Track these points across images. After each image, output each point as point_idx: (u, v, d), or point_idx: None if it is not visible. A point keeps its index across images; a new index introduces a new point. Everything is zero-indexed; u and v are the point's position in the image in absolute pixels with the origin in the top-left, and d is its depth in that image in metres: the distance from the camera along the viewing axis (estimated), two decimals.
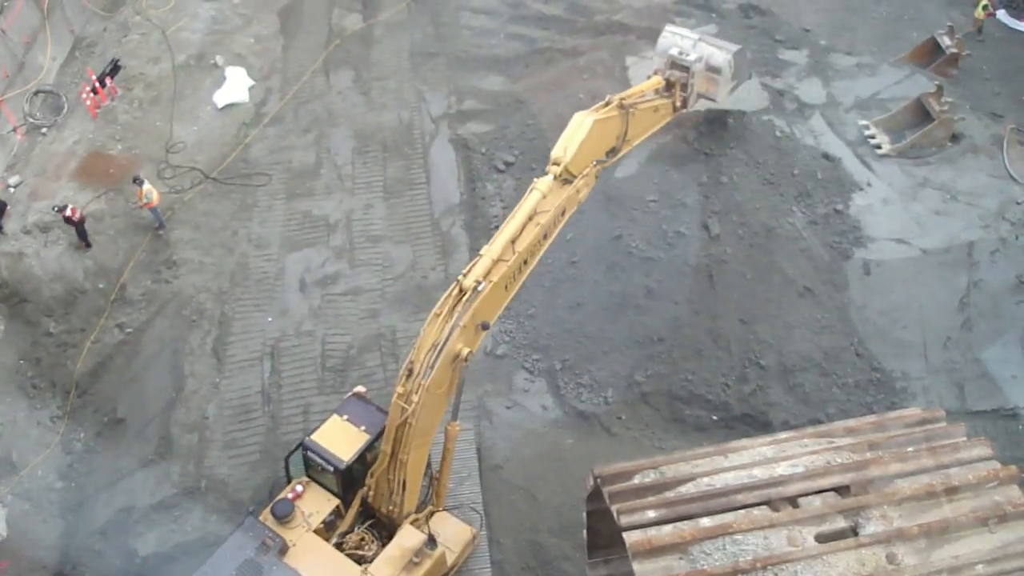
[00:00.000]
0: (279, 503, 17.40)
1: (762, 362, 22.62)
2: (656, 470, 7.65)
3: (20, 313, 25.87)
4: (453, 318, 15.38)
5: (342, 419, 18.19)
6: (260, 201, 28.15)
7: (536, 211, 16.38)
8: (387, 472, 17.05)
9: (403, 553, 17.19)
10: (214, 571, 16.19)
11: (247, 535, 16.64)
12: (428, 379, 15.40)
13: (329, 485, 17.92)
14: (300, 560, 16.56)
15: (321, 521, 17.54)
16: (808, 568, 6.88)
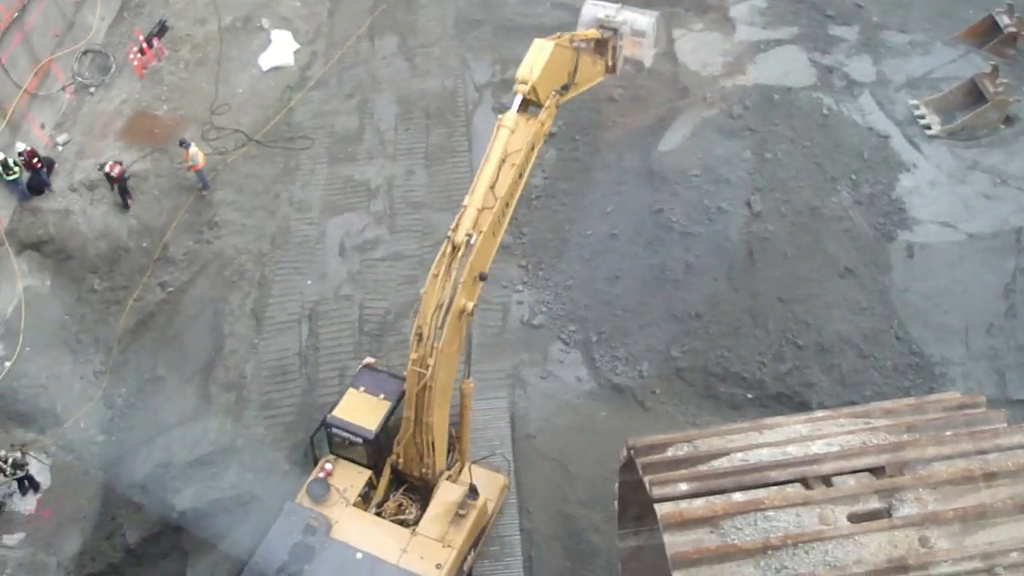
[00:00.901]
0: (314, 484, 17.53)
1: (799, 341, 22.42)
2: (690, 443, 7.63)
3: (66, 269, 26.32)
4: (452, 276, 15.35)
5: (359, 391, 18.35)
6: (302, 165, 28.30)
7: (507, 151, 16.10)
8: (414, 437, 17.18)
9: (448, 509, 17.52)
10: (265, 560, 16.31)
11: (290, 520, 16.83)
12: (440, 341, 15.45)
13: (358, 458, 18.07)
14: (348, 534, 16.79)
15: (358, 494, 17.75)
16: (839, 547, 6.83)
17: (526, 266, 25.30)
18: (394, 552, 16.76)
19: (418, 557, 16.79)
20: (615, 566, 17.44)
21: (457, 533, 17.33)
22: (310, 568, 16.14)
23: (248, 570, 16.31)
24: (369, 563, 16.35)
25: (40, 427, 24.37)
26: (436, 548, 17.04)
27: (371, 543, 16.73)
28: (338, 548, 16.49)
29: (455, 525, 17.38)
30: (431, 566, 16.73)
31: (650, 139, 25.85)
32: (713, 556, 6.70)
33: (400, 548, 16.87)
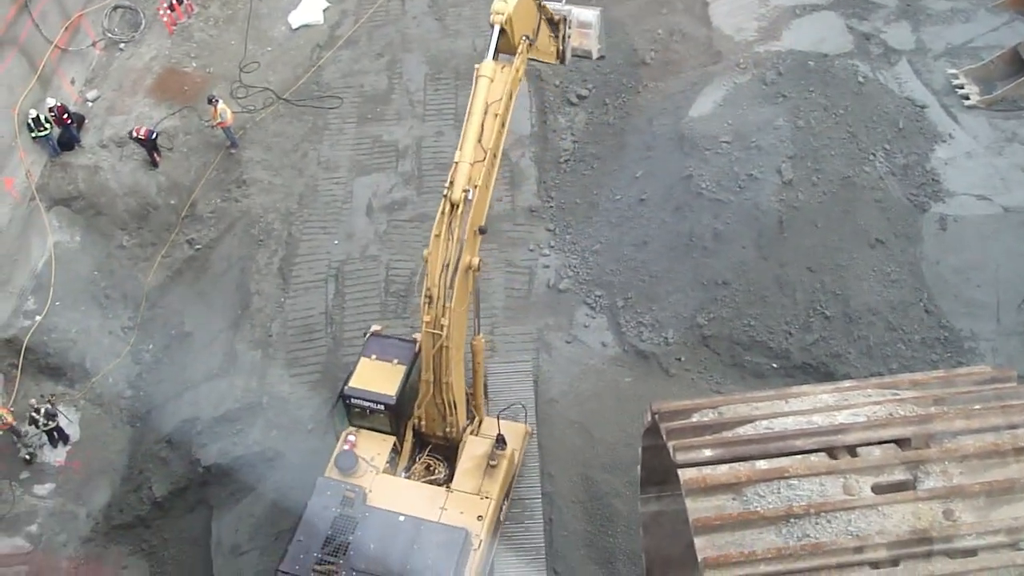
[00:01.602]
0: (341, 457, 17.54)
1: (827, 312, 22.22)
2: (715, 410, 7.57)
3: (95, 225, 26.55)
4: (454, 234, 15.32)
5: (372, 359, 18.33)
6: (331, 124, 28.25)
7: (489, 102, 16.03)
8: (434, 398, 17.29)
9: (478, 462, 17.81)
10: (308, 538, 16.38)
11: (324, 495, 16.90)
12: (452, 300, 15.48)
13: (379, 426, 18.12)
14: (384, 500, 16.95)
15: (385, 461, 17.86)
16: (862, 518, 6.77)
17: (553, 230, 25.21)
18: (434, 510, 17.02)
19: (458, 512, 17.08)
20: (636, 531, 17.52)
21: (491, 484, 17.67)
22: (356, 538, 16.28)
23: (293, 550, 16.33)
24: (413, 524, 16.54)
25: (70, 380, 24.74)
26: (474, 501, 17.37)
27: (410, 505, 16.93)
28: (379, 515, 16.65)
29: (488, 477, 17.72)
30: (473, 519, 17.06)
31: (681, 104, 25.55)
32: (735, 523, 6.67)
33: (439, 506, 17.14)
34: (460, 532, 16.54)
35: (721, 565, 6.60)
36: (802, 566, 6.59)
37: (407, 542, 16.30)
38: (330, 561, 16.03)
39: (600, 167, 25.81)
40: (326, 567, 15.96)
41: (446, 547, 16.27)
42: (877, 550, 6.56)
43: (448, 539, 16.40)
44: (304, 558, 16.04)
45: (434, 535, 16.45)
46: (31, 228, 25.72)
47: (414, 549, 16.20)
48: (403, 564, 16.03)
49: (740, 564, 6.61)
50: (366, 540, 16.27)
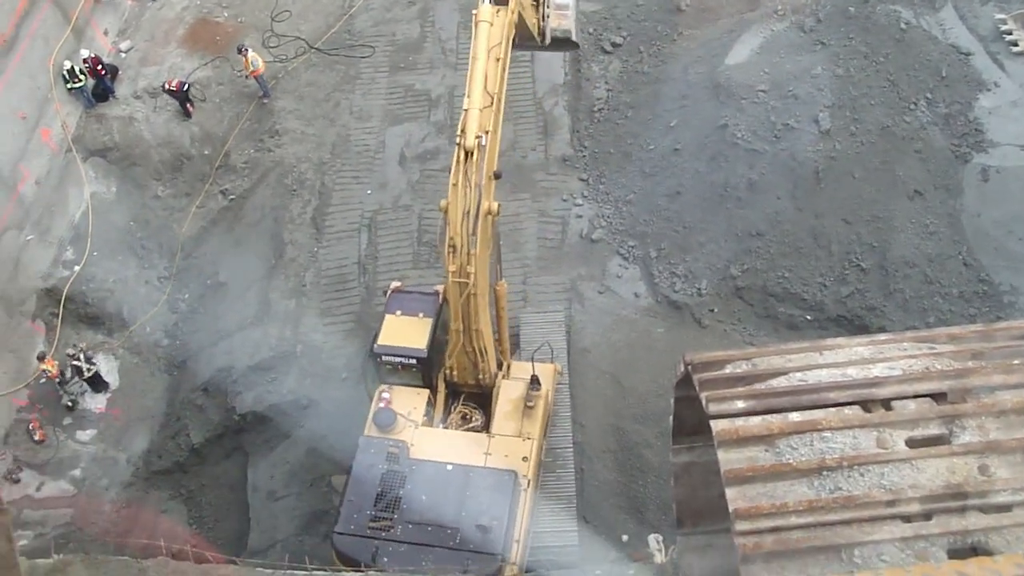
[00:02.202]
0: (379, 415, 17.57)
1: (863, 264, 21.98)
2: (748, 361, 7.51)
3: (131, 176, 26.73)
4: (471, 181, 15.27)
5: (396, 316, 18.34)
6: (363, 73, 28.10)
7: (490, 46, 15.96)
8: (464, 347, 17.37)
9: (515, 405, 18.02)
10: (360, 497, 16.48)
11: (369, 453, 16.98)
12: (476, 246, 15.50)
13: (412, 380, 18.20)
14: (429, 452, 17.09)
15: (423, 414, 17.99)
16: (895, 471, 6.72)
17: (587, 180, 25.04)
18: (479, 456, 17.20)
19: (503, 456, 17.27)
20: (666, 481, 17.59)
21: (531, 424, 17.90)
22: (406, 491, 16.44)
23: (345, 511, 16.44)
24: (461, 472, 16.71)
25: (108, 330, 25.10)
26: (516, 443, 17.57)
27: (454, 454, 17.08)
28: (426, 466, 16.80)
29: (527, 418, 17.93)
30: (518, 460, 17.27)
31: (717, 52, 25.12)
32: (767, 474, 6.65)
33: (483, 452, 17.32)
34: (509, 474, 16.74)
35: (752, 516, 6.60)
36: (833, 518, 6.57)
37: (457, 490, 16.48)
38: (384, 517, 16.16)
39: (634, 116, 25.52)
40: (381, 523, 16.10)
41: (497, 490, 16.48)
42: (910, 504, 6.52)
43: (498, 482, 16.62)
44: (358, 517, 16.18)
45: (483, 480, 16.65)
46: (68, 179, 25.95)
47: (465, 496, 16.38)
48: (457, 511, 16.21)
49: (771, 515, 6.61)
50: (417, 492, 16.44)
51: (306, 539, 20.79)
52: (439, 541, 15.93)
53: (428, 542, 15.90)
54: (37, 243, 24.79)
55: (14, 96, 24.54)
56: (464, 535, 15.99)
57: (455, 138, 15.50)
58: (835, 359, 7.58)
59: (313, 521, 21.15)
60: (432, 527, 16.05)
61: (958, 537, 6.51)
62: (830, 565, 6.45)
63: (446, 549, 15.86)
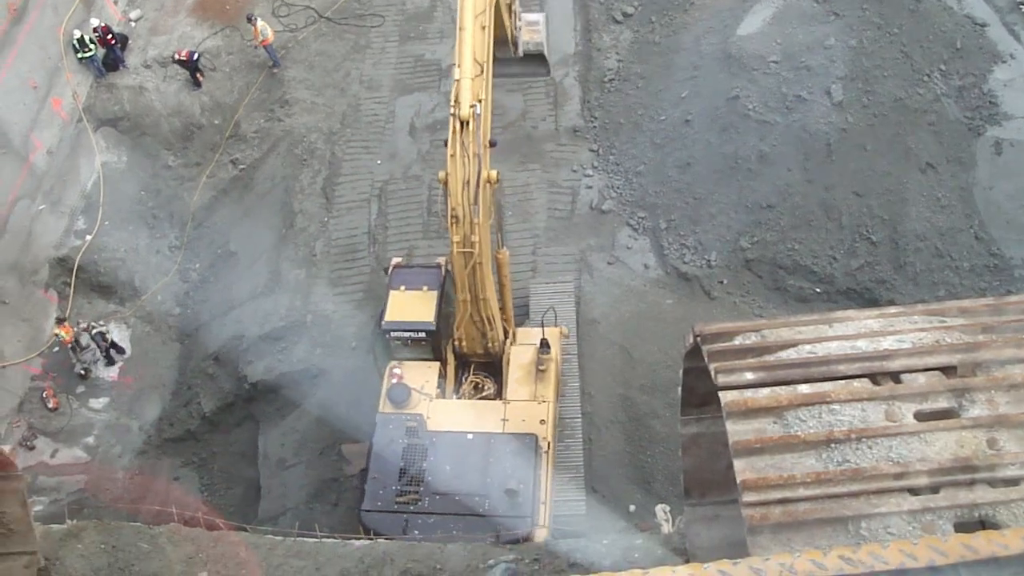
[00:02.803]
0: (393, 391, 17.57)
1: (873, 237, 21.90)
2: (758, 333, 7.51)
3: (141, 145, 26.74)
4: (469, 151, 15.34)
5: (401, 291, 18.32)
6: (373, 43, 27.99)
7: (475, 14, 16.06)
8: (472, 316, 17.46)
9: (527, 370, 18.16)
10: (383, 474, 16.56)
11: (387, 429, 17.09)
12: (479, 215, 15.59)
13: (422, 354, 18.22)
14: (446, 424, 17.19)
15: (435, 387, 18.04)
16: (904, 444, 6.73)
17: (597, 150, 24.97)
18: (497, 423, 17.33)
19: (520, 421, 17.40)
20: (674, 452, 17.68)
21: (545, 387, 18.04)
22: (429, 463, 16.56)
23: (370, 488, 16.52)
24: (482, 440, 16.87)
25: (120, 299, 25.21)
26: (532, 407, 17.70)
27: (472, 423, 17.20)
28: (446, 437, 16.91)
29: (540, 381, 18.07)
30: (535, 424, 17.40)
31: (729, 22, 24.90)
32: (775, 446, 6.67)
33: (500, 419, 17.44)
34: (529, 438, 16.92)
35: (760, 487, 6.63)
36: (841, 490, 6.60)
37: (480, 457, 16.63)
38: (410, 491, 16.30)
39: (645, 87, 25.38)
40: (408, 497, 16.23)
41: (519, 454, 16.65)
42: (918, 477, 6.54)
43: (519, 446, 16.78)
44: (384, 493, 16.29)
45: (505, 445, 16.81)
46: (79, 149, 25.97)
47: (488, 463, 16.54)
48: (482, 479, 16.38)
49: (779, 487, 6.64)
50: (440, 464, 16.56)
51: (316, 507, 20.98)
52: (468, 509, 16.07)
53: (457, 511, 16.02)
54: (49, 213, 24.86)
55: (25, 65, 24.52)
56: (492, 501, 16.13)
57: (449, 109, 15.47)
58: (845, 331, 7.57)
59: (323, 489, 21.32)
60: (459, 496, 16.18)
61: (966, 510, 6.53)
62: (837, 537, 6.49)
63: (476, 516, 16.01)
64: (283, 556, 12.83)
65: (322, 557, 12.98)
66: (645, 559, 12.22)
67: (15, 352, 23.23)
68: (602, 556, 12.61)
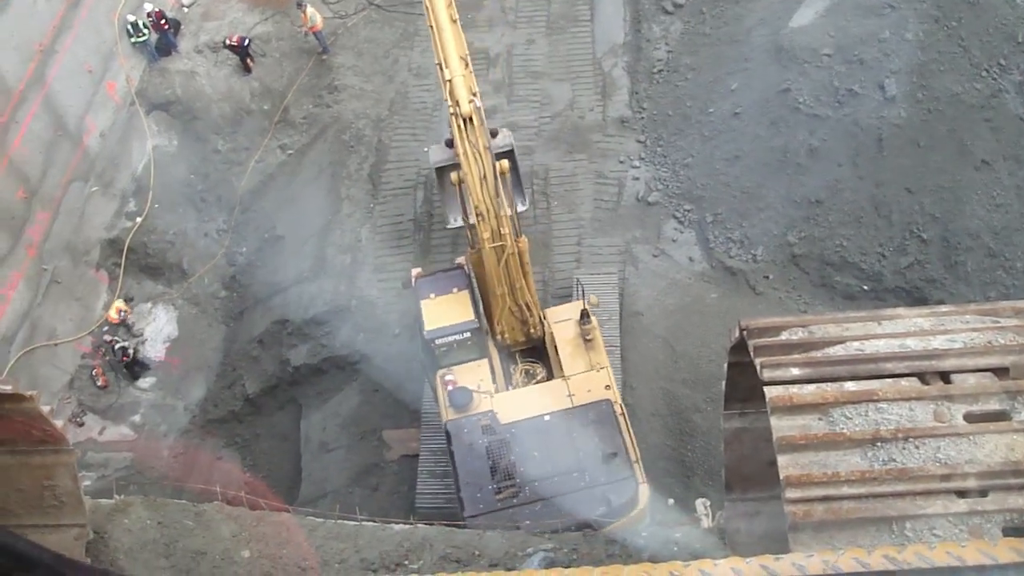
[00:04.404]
0: (455, 396, 17.40)
1: (924, 235, 21.53)
2: (805, 328, 7.42)
3: (192, 129, 27.03)
4: (478, 145, 15.39)
5: (432, 299, 18.13)
6: (422, 30, 27.95)
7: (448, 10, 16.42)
8: (511, 307, 17.53)
9: (575, 343, 18.14)
10: (474, 477, 16.40)
11: (463, 433, 16.92)
12: (503, 206, 15.70)
13: (468, 355, 18.08)
14: (517, 413, 17.12)
15: (491, 382, 18.01)
16: (952, 445, 6.60)
17: (644, 142, 24.82)
18: (565, 400, 17.30)
19: (586, 392, 17.37)
20: (714, 446, 17.56)
21: (597, 355, 18.04)
22: (516, 454, 16.48)
23: (467, 494, 16.30)
24: (559, 418, 16.87)
25: (168, 280, 25.57)
26: (592, 376, 17.67)
27: (543, 406, 17.17)
28: (523, 426, 16.87)
29: (591, 350, 18.05)
30: (602, 389, 17.40)
31: (782, 14, 24.58)
32: (820, 443, 6.59)
33: (566, 395, 17.40)
34: (604, 403, 17.00)
35: (804, 484, 6.57)
36: (886, 490, 6.51)
37: (563, 435, 16.61)
38: (507, 485, 16.20)
39: (694, 78, 25.17)
40: (506, 492, 16.13)
41: (601, 422, 16.73)
42: (966, 479, 6.43)
43: (598, 414, 16.84)
44: (482, 496, 16.16)
45: (583, 417, 16.82)
46: (131, 132, 26.33)
47: (573, 438, 16.51)
48: (573, 454, 16.34)
49: (823, 484, 6.56)
50: (526, 452, 16.50)
51: (355, 491, 21.16)
52: (570, 487, 15.99)
53: (559, 492, 15.93)
54: (101, 195, 25.27)
55: (81, 50, 24.90)
56: (590, 473, 16.10)
57: (450, 109, 15.50)
58: (894, 329, 7.45)
59: (363, 474, 21.51)
60: (556, 477, 16.10)
61: (1015, 515, 6.41)
62: (881, 537, 6.40)
63: (581, 491, 15.95)
64: (323, 538, 12.96)
65: (362, 540, 13.09)
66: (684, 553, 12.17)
67: (67, 331, 23.67)
68: (640, 548, 12.58)
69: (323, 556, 12.30)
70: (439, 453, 20.01)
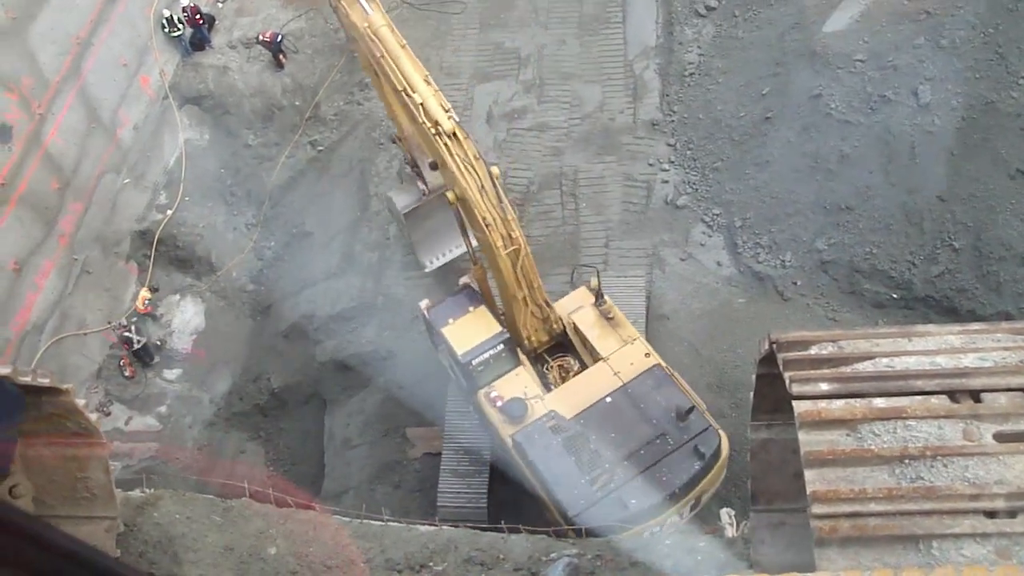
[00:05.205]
0: (510, 408, 17.30)
1: (956, 244, 21.32)
2: (835, 343, 7.41)
3: (223, 124, 27.28)
4: (469, 155, 15.55)
5: (453, 323, 18.06)
6: (454, 29, 28.09)
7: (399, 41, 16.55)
8: (532, 308, 17.67)
9: (599, 324, 18.38)
10: (566, 477, 16.31)
11: (535, 441, 16.84)
12: (508, 211, 15.93)
13: (503, 367, 18.00)
14: (576, 405, 17.18)
15: (536, 385, 18.00)
16: (981, 464, 6.56)
17: (674, 145, 24.74)
18: (615, 379, 17.44)
19: (629, 365, 17.59)
20: (738, 452, 17.50)
21: (624, 329, 18.37)
22: (594, 442, 16.52)
23: (564, 496, 16.15)
24: (620, 396, 17.07)
25: (196, 273, 25.83)
26: (628, 350, 17.91)
27: (597, 391, 17.30)
28: (590, 414, 16.96)
29: (617, 327, 18.32)
30: (643, 358, 17.71)
31: (815, 19, 24.42)
32: (848, 458, 6.58)
33: (613, 374, 17.55)
34: (655, 368, 17.40)
35: (830, 500, 6.56)
36: (913, 508, 6.49)
37: (631, 410, 16.83)
38: (599, 474, 16.19)
39: (725, 82, 25.06)
40: (601, 480, 16.12)
41: (659, 385, 17.12)
42: (994, 500, 6.40)
43: (654, 380, 17.21)
44: (580, 492, 16.08)
45: (641, 387, 17.10)
46: (164, 125, 26.61)
47: (641, 408, 16.77)
48: (648, 424, 16.57)
49: (850, 500, 6.56)
50: (604, 436, 16.61)
51: (377, 488, 21.28)
52: (659, 453, 16.22)
53: (652, 461, 16.13)
54: (133, 187, 25.55)
55: (117, 43, 25.18)
56: (672, 435, 16.37)
57: (430, 131, 15.51)
58: (924, 346, 7.42)
59: (385, 471, 21.61)
60: (643, 450, 16.29)
61: None
62: (907, 555, 6.38)
63: (671, 454, 16.19)
64: (349, 537, 13.05)
65: (387, 540, 13.17)
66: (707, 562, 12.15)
67: (96, 320, 23.96)
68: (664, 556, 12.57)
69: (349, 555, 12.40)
70: (461, 452, 20.09)
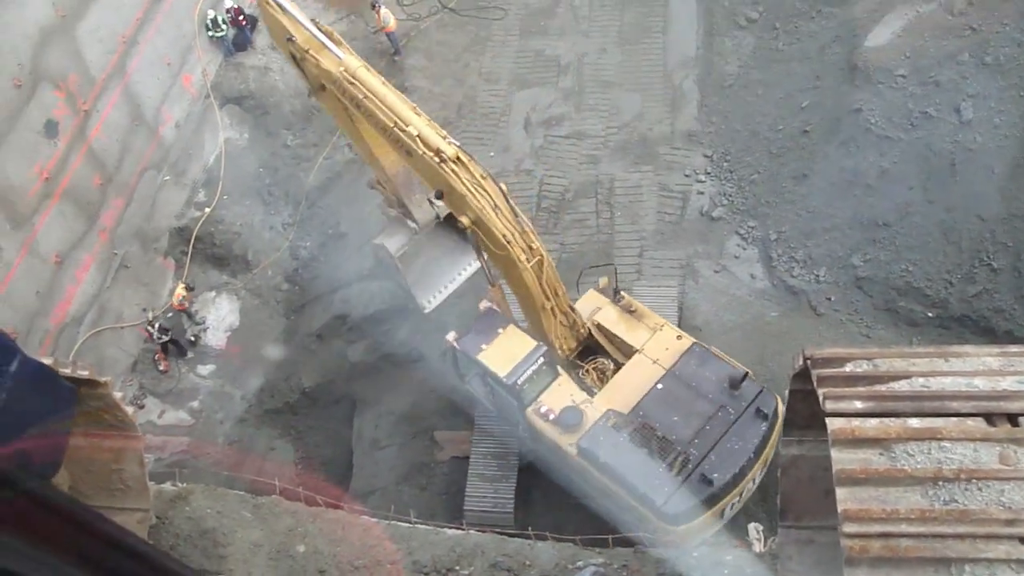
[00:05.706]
0: (566, 418, 17.39)
1: (995, 264, 21.05)
2: (870, 361, 7.37)
3: (263, 124, 27.56)
4: (478, 176, 15.68)
5: (489, 347, 18.08)
6: (494, 35, 28.19)
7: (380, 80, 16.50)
8: (559, 315, 17.71)
9: (625, 320, 18.73)
10: (639, 467, 16.40)
11: (600, 442, 16.89)
12: (524, 222, 16.09)
13: (545, 379, 18.09)
14: (627, 398, 17.40)
15: (581, 391, 18.14)
16: (1018, 490, 6.50)
17: (711, 156, 24.66)
18: (656, 367, 17.74)
19: (664, 350, 17.95)
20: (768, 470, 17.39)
21: (650, 318, 18.77)
22: (660, 428, 16.74)
23: (648, 491, 16.17)
24: (669, 380, 17.41)
25: (232, 271, 26.10)
26: (661, 337, 18.30)
27: (644, 381, 17.54)
28: (645, 403, 17.20)
29: (642, 318, 18.73)
30: (675, 341, 18.21)
31: (857, 32, 24.24)
32: (880, 478, 6.54)
33: (654, 361, 17.86)
34: (694, 347, 17.83)
35: (862, 519, 6.53)
36: (946, 531, 6.43)
37: (685, 389, 17.19)
38: (673, 457, 16.37)
39: (764, 94, 24.95)
40: (679, 463, 16.31)
41: (704, 361, 17.53)
42: None
43: (697, 357, 17.62)
44: (662, 482, 16.15)
45: (687, 367, 17.47)
46: (205, 124, 26.94)
47: (694, 387, 17.12)
48: (705, 400, 16.90)
49: (881, 521, 6.52)
50: (666, 423, 16.81)
51: (405, 489, 21.37)
52: (725, 424, 16.55)
53: (721, 433, 16.45)
54: (173, 184, 25.89)
55: (161, 42, 25.53)
56: (732, 404, 16.70)
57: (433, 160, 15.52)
58: (962, 367, 7.36)
59: (413, 472, 21.70)
60: (708, 425, 16.57)
61: None
62: None
63: (737, 422, 16.52)
64: (377, 538, 13.12)
65: (415, 542, 13.24)
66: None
67: (133, 315, 24.29)
68: (691, 568, 12.53)
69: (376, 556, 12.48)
70: (489, 457, 20.13)
